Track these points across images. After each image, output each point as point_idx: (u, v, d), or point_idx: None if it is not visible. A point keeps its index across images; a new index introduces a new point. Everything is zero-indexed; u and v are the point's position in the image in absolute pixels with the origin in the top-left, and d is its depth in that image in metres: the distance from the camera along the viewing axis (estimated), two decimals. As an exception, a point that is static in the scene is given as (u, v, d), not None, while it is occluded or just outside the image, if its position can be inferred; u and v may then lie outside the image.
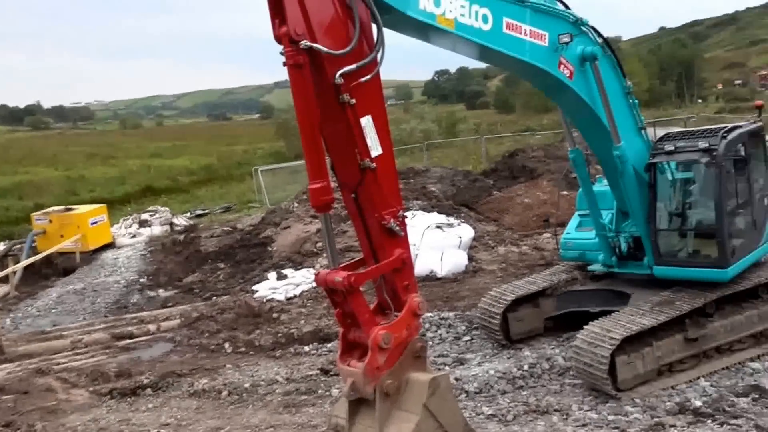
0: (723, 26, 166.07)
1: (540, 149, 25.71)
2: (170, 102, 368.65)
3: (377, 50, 5.05)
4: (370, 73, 5.02)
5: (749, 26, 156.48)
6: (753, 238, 8.56)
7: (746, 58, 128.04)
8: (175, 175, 47.34)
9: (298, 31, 4.67)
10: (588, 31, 7.73)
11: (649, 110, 72.05)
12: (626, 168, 8.20)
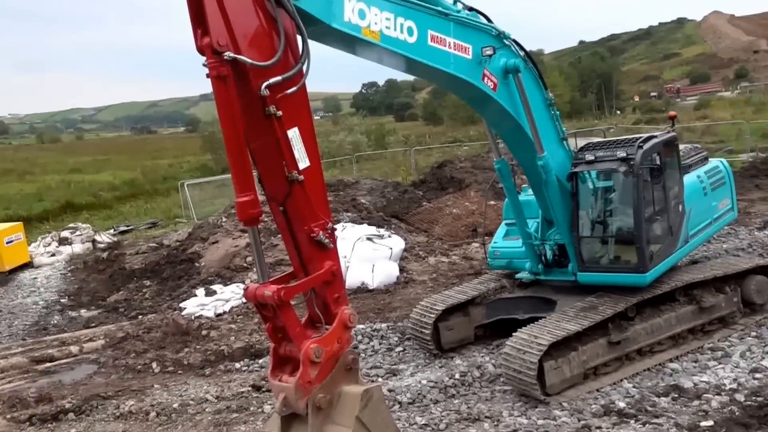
0: (638, 40, 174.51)
1: (467, 160, 26.26)
2: (90, 115, 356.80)
3: (303, 62, 5.07)
4: (296, 85, 5.03)
5: (662, 40, 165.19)
6: (670, 244, 8.98)
7: (660, 71, 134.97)
8: (96, 190, 46.02)
9: (221, 42, 4.63)
10: (510, 45, 7.98)
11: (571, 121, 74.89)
12: (549, 177, 8.48)
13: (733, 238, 13.92)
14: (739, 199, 17.19)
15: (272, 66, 4.83)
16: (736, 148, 33.08)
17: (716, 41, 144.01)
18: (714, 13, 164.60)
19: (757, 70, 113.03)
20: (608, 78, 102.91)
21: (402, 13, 6.43)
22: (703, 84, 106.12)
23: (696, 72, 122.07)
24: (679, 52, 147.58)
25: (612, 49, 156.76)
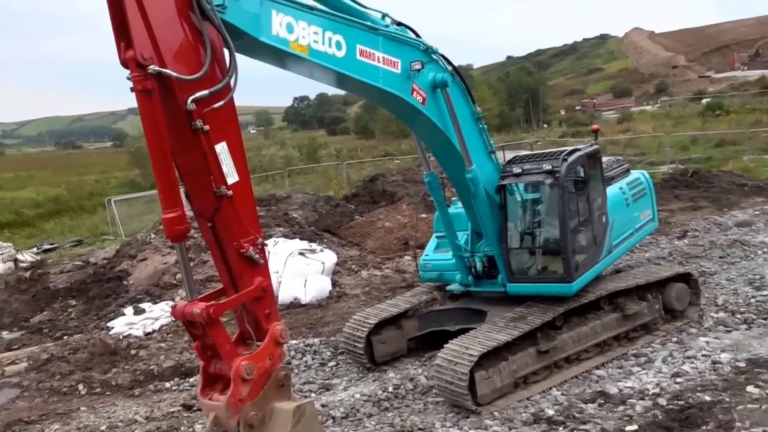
0: (563, 56, 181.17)
1: (399, 173, 26.61)
2: (12, 130, 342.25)
3: (231, 75, 5.08)
4: (223, 99, 5.04)
5: (586, 56, 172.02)
6: (594, 254, 9.35)
7: (585, 85, 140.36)
8: (18, 207, 44.29)
9: (146, 55, 4.60)
10: (438, 59, 8.20)
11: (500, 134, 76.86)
12: (478, 190, 8.72)
13: (654, 247, 14.62)
14: (659, 209, 18.11)
15: (199, 80, 4.83)
16: (656, 160, 34.75)
17: (637, 57, 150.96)
18: (635, 30, 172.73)
19: (676, 84, 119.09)
20: (535, 92, 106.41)
21: (330, 27, 6.54)
22: (617, 99, 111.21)
23: (619, 86, 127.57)
24: (602, 67, 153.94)
25: (538, 64, 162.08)
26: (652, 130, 49.01)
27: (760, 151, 34.24)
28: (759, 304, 9.99)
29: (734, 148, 36.20)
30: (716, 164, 30.35)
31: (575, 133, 53.46)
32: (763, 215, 17.25)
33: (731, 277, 11.61)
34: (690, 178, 24.26)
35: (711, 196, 21.33)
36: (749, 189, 21.99)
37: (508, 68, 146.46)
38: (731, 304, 10.21)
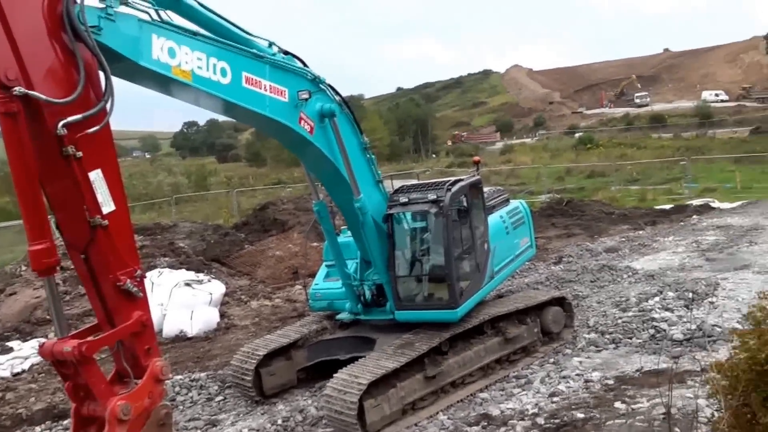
0: (450, 89, 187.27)
1: (291, 202, 26.39)
2: None
3: (106, 100, 4.84)
4: (99, 124, 4.79)
5: (471, 90, 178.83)
6: (478, 280, 9.63)
7: (470, 118, 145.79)
8: None
9: (10, 75, 4.29)
10: (326, 89, 8.24)
11: (390, 164, 78.19)
12: (366, 219, 8.78)
13: (533, 272, 15.29)
14: (537, 236, 19.00)
15: (70, 103, 4.56)
16: (535, 189, 36.57)
17: (517, 92, 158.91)
18: (515, 67, 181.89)
19: (552, 119, 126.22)
20: (424, 123, 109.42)
21: (215, 53, 6.41)
22: (482, 134, 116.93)
23: (501, 119, 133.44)
24: (486, 101, 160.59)
25: (427, 96, 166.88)
26: (531, 162, 51.68)
27: (626, 182, 36.88)
28: (625, 324, 10.66)
29: (603, 179, 38.80)
30: (588, 194, 32.40)
31: (461, 163, 55.32)
32: (629, 242, 18.53)
33: (601, 300, 12.32)
34: (565, 206, 25.71)
35: (583, 223, 22.65)
36: (616, 217, 23.58)
37: (398, 99, 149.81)
38: (601, 325, 10.83)
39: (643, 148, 60.93)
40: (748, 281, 12.73)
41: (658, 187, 33.66)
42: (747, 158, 41.10)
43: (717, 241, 17.14)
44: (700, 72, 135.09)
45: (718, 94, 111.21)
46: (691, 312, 10.99)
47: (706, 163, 41.62)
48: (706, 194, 29.57)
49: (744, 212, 22.61)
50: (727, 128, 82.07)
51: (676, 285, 12.55)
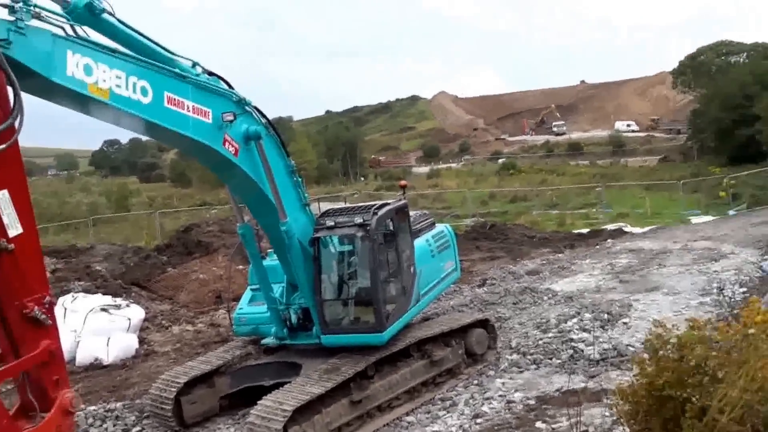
0: (378, 113, 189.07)
1: (216, 223, 25.80)
2: None
3: (15, 117, 4.57)
4: (5, 143, 4.50)
5: (399, 114, 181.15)
6: (404, 303, 9.63)
7: (398, 142, 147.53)
8: None
9: None
10: (252, 111, 8.12)
11: (319, 186, 77.82)
12: (292, 242, 8.65)
13: (458, 295, 15.44)
14: (462, 259, 19.19)
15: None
16: (461, 213, 37.21)
17: (444, 118, 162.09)
18: (441, 94, 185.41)
19: (476, 145, 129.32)
20: (352, 146, 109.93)
21: (134, 72, 6.21)
22: (396, 158, 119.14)
23: (428, 144, 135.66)
24: (414, 126, 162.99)
25: (356, 119, 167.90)
26: (457, 186, 52.61)
27: (546, 206, 38.08)
28: (545, 345, 10.88)
29: (525, 203, 39.92)
30: (510, 218, 33.22)
31: (389, 187, 55.74)
32: (549, 264, 19.04)
33: (522, 322, 12.55)
34: (489, 230, 26.23)
35: (506, 246, 23.15)
36: (537, 240, 24.24)
37: (327, 122, 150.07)
38: (523, 346, 11.02)
39: (562, 174, 63.29)
40: (658, 302, 13.29)
41: (576, 212, 34.90)
42: (656, 185, 43.29)
43: (630, 264, 17.82)
44: (613, 103, 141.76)
45: (630, 125, 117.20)
46: (606, 332, 11.38)
47: (619, 189, 43.53)
48: (619, 219, 30.85)
49: (654, 236, 23.68)
50: (638, 157, 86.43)
51: (593, 306, 12.93)
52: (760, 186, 35.95)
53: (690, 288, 14.23)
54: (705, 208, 33.50)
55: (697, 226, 26.57)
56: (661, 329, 3.64)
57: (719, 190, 36.19)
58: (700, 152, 75.93)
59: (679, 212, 32.29)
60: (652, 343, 3.62)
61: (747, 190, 35.19)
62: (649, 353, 3.65)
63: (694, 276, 15.44)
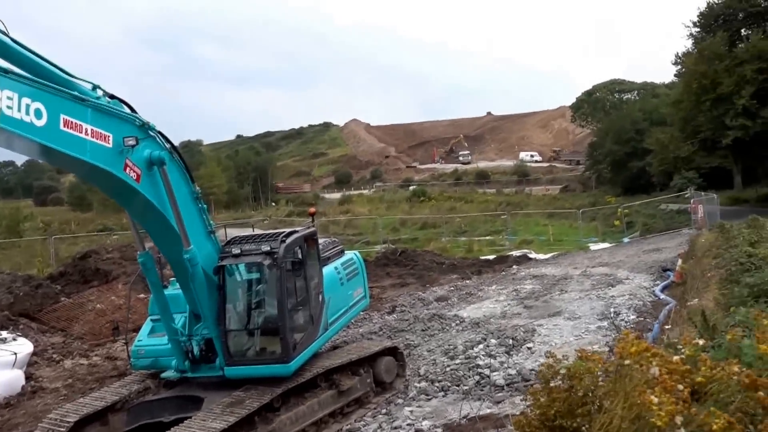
0: (291, 139, 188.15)
1: (116, 250, 24.66)
2: None
3: None
4: None
5: (312, 140, 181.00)
6: (311, 332, 9.49)
7: (310, 168, 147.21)
8: None
9: None
10: (156, 136, 7.86)
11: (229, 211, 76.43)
12: (196, 271, 8.38)
13: (367, 322, 15.44)
14: (373, 286, 19.26)
15: None
16: (372, 239, 37.42)
17: (356, 145, 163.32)
18: (353, 121, 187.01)
19: (388, 172, 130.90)
20: (264, 171, 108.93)
21: (28, 93, 5.89)
22: (293, 184, 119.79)
23: (340, 171, 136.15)
24: (326, 152, 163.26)
25: (267, 145, 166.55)
26: (369, 212, 52.98)
27: (455, 233, 38.95)
28: (452, 372, 11.02)
29: (435, 230, 40.69)
30: (420, 244, 33.72)
31: (301, 213, 55.39)
32: (457, 290, 19.40)
33: (431, 348, 12.68)
34: (399, 256, 26.47)
35: (416, 273, 23.42)
36: (446, 267, 24.68)
37: (238, 147, 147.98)
38: (431, 373, 11.11)
39: (471, 202, 65.05)
40: (560, 327, 13.76)
41: (483, 239, 35.89)
42: (558, 213, 45.27)
43: (534, 290, 18.43)
44: (518, 134, 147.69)
45: (533, 155, 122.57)
46: (512, 358, 11.66)
47: (524, 217, 45.20)
48: (524, 246, 31.98)
49: (556, 263, 24.66)
50: (541, 186, 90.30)
51: (498, 332, 13.24)
52: (651, 215, 38.40)
53: (589, 312, 14.84)
54: (602, 236, 35.29)
55: (595, 252, 27.94)
56: (552, 360, 3.76)
57: (615, 219, 38.26)
58: (597, 182, 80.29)
59: (578, 239, 33.83)
60: (544, 374, 3.73)
61: (639, 218, 37.46)
62: (541, 384, 3.76)
63: (593, 301, 16.14)
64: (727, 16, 40.98)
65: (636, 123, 64.89)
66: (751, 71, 33.58)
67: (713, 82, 36.16)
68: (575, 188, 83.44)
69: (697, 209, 31.33)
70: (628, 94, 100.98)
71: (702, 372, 3.34)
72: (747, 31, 40.25)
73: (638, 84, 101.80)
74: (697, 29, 42.82)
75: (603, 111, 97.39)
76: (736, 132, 34.32)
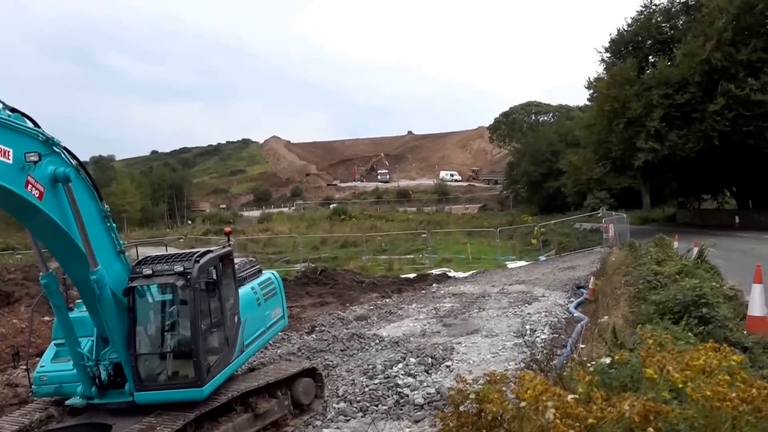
0: (208, 155, 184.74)
1: (19, 270, 23.45)
2: None
3: None
4: None
5: (230, 157, 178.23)
6: (227, 354, 9.28)
7: (228, 185, 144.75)
8: None
9: None
10: (61, 152, 7.55)
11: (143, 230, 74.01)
12: (104, 293, 8.05)
13: (286, 343, 15.25)
14: (292, 305, 19.09)
15: None
16: (292, 258, 37.10)
17: (276, 162, 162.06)
18: (273, 138, 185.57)
19: (309, 190, 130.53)
20: (180, 189, 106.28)
21: None
22: (205, 203, 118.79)
23: (260, 188, 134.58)
24: (245, 170, 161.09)
25: (184, 161, 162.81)
26: (289, 231, 52.51)
27: (375, 252, 39.18)
28: (371, 392, 11.04)
29: (355, 248, 40.78)
30: (341, 263, 33.75)
31: (218, 231, 54.25)
32: (377, 309, 19.50)
33: (350, 368, 12.66)
34: (319, 275, 26.39)
35: (336, 292, 23.39)
36: (366, 285, 24.78)
37: (152, 163, 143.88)
38: (350, 394, 11.08)
39: (391, 220, 65.67)
40: (478, 345, 14.05)
41: (404, 257, 36.26)
42: (477, 232, 46.36)
43: (453, 308, 18.76)
44: (438, 154, 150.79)
45: (453, 175, 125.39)
46: (430, 376, 11.80)
47: (444, 235, 45.99)
48: (443, 264, 32.55)
49: (474, 281, 25.22)
50: (460, 205, 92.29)
51: (418, 351, 13.38)
52: (566, 234, 39.95)
53: (507, 330, 15.21)
54: (519, 254, 36.40)
55: (512, 270, 28.75)
56: (461, 384, 3.84)
57: (531, 238, 39.54)
58: (515, 201, 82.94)
59: (497, 258, 34.74)
60: (454, 398, 3.80)
61: (555, 237, 38.89)
62: (451, 408, 3.83)
63: (510, 318, 16.56)
64: (635, 43, 43.07)
65: (552, 144, 67.70)
66: (658, 96, 35.08)
67: (624, 106, 37.59)
68: (493, 207, 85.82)
69: (608, 228, 32.80)
70: (544, 116, 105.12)
71: (594, 412, 3.37)
72: (654, 58, 42.22)
73: (554, 106, 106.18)
74: (608, 55, 44.78)
75: (520, 132, 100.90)
76: (647, 154, 35.64)
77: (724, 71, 33.96)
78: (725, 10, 34.07)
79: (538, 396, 3.43)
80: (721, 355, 3.88)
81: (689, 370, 3.63)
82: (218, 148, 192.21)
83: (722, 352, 3.94)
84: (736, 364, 3.80)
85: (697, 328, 7.45)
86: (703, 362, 3.70)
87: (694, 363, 3.67)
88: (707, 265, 13.49)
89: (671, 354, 3.97)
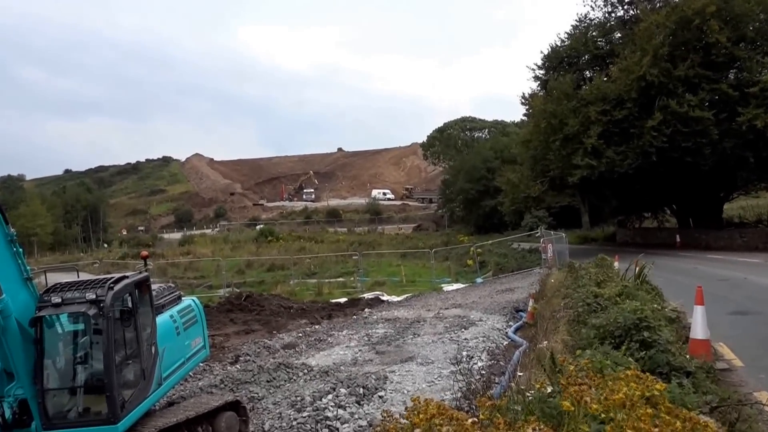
0: (126, 174, 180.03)
1: None
2: None
3: None
4: None
5: (149, 176, 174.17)
6: (143, 388, 9.08)
7: (148, 205, 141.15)
8: None
9: None
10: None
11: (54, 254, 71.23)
12: (9, 323, 7.80)
13: (208, 374, 14.98)
14: (215, 333, 18.80)
15: None
16: (215, 283, 36.42)
17: (198, 181, 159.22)
18: (196, 156, 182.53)
19: (233, 210, 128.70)
20: (95, 210, 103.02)
21: None
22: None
23: (181, 209, 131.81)
24: (165, 189, 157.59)
25: (99, 181, 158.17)
26: (212, 254, 51.52)
27: (304, 275, 38.93)
28: (300, 425, 10.96)
29: (283, 272, 40.40)
30: (267, 288, 33.35)
31: (136, 255, 52.75)
32: (306, 336, 19.39)
33: (277, 401, 12.54)
34: (244, 301, 26.02)
35: (262, 318, 23.13)
36: (294, 311, 24.62)
37: (65, 182, 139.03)
38: (276, 428, 10.98)
39: (321, 241, 65.53)
40: (412, 373, 14.11)
41: (334, 281, 36.14)
42: (411, 253, 46.74)
43: (386, 334, 18.82)
44: (370, 172, 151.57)
45: (386, 193, 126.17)
46: (362, 408, 11.81)
47: (376, 257, 46.20)
48: (376, 288, 32.62)
49: (409, 305, 25.42)
50: (394, 224, 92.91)
51: (349, 380, 13.36)
52: (504, 254, 40.64)
53: (443, 357, 15.30)
54: (455, 276, 36.84)
55: (448, 293, 29.06)
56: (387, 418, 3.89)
57: (468, 259, 40.10)
58: (450, 221, 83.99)
59: (432, 280, 35.06)
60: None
61: (492, 258, 39.49)
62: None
63: (446, 344, 16.69)
64: (571, 58, 43.94)
65: (487, 161, 68.93)
66: (596, 112, 35.73)
67: (561, 122, 38.08)
68: (428, 227, 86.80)
69: (547, 248, 33.30)
70: (479, 132, 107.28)
71: None
72: (591, 73, 42.80)
73: (489, 122, 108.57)
74: (542, 71, 45.66)
75: (455, 148, 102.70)
76: (583, 171, 36.13)
77: (661, 87, 34.75)
78: (662, 25, 34.96)
79: (430, 419, 3.49)
80: (644, 386, 3.91)
81: (610, 401, 3.63)
82: (137, 167, 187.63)
83: (644, 381, 3.99)
84: (659, 393, 3.86)
85: (639, 352, 7.46)
86: (623, 395, 3.69)
87: (614, 397, 3.66)
88: (649, 287, 13.63)
89: (594, 381, 4.05)
